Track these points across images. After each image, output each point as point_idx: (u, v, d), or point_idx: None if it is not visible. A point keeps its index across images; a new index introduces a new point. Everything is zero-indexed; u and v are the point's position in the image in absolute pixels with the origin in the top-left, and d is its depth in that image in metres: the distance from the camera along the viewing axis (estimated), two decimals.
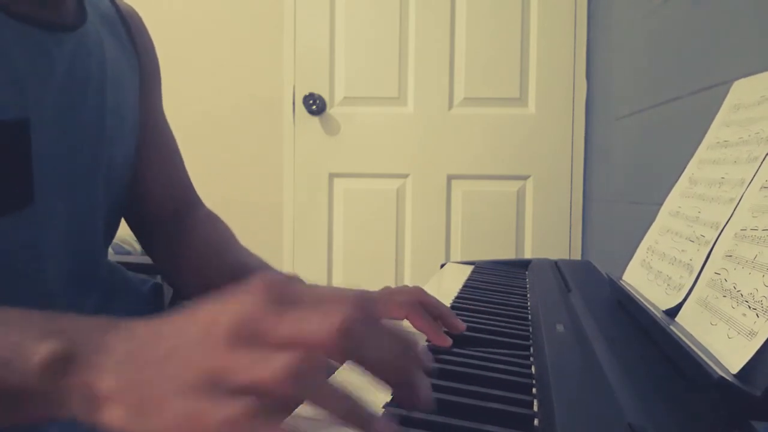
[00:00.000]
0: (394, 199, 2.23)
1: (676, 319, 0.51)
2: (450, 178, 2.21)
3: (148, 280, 0.85)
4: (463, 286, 0.84)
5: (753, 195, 0.49)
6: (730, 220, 0.51)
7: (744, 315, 0.41)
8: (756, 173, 0.50)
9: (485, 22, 2.16)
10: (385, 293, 0.62)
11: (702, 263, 0.52)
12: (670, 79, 1.32)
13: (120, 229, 0.82)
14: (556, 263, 0.97)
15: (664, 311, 0.54)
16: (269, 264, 0.74)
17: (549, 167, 2.17)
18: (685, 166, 0.67)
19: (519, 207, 2.19)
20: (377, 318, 0.32)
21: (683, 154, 0.70)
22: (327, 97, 2.22)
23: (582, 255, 2.14)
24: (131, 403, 0.30)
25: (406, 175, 2.23)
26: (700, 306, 0.48)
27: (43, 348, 0.33)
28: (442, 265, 1.07)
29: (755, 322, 0.39)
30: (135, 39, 0.77)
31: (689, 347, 0.43)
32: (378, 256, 2.22)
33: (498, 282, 0.88)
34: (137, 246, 2.02)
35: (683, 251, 0.57)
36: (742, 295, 0.43)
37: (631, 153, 1.62)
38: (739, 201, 0.50)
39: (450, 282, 0.87)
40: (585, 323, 0.59)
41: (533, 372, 0.50)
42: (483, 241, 2.20)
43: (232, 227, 0.85)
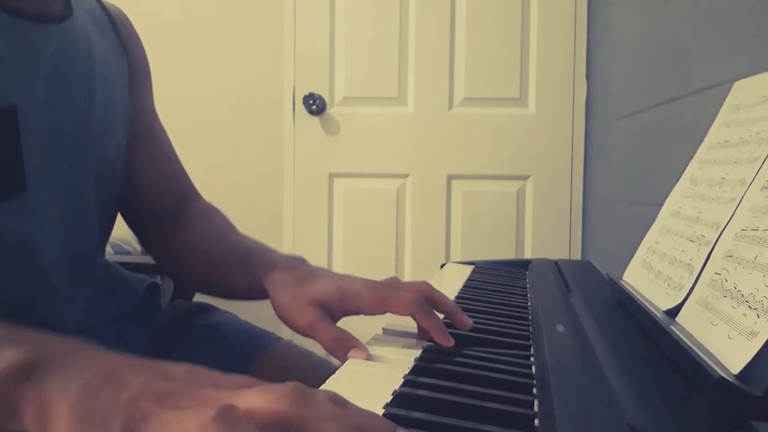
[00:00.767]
0: (394, 199, 2.23)
1: (676, 319, 0.51)
2: (450, 178, 2.21)
3: (145, 279, 0.85)
4: (464, 286, 0.83)
5: (754, 195, 0.49)
6: (730, 220, 0.51)
7: (744, 315, 0.41)
8: (757, 173, 0.50)
9: (485, 22, 2.16)
10: (392, 286, 0.61)
11: (702, 263, 0.51)
12: (670, 79, 1.32)
13: (120, 230, 0.82)
14: (556, 263, 0.97)
15: (664, 311, 0.54)
16: (271, 247, 0.73)
17: (549, 167, 2.17)
18: (685, 166, 0.67)
19: (519, 207, 2.19)
20: (343, 401, 0.34)
21: (683, 154, 0.70)
22: (327, 97, 2.22)
23: (582, 255, 2.14)
24: (74, 423, 0.32)
25: (406, 175, 2.23)
26: (700, 306, 0.48)
27: (9, 354, 0.35)
28: (442, 265, 1.07)
29: (756, 322, 0.39)
30: (122, 36, 0.78)
31: (689, 347, 0.43)
32: (378, 256, 2.22)
33: (498, 282, 0.88)
34: (137, 246, 2.02)
35: (684, 251, 0.57)
36: (742, 296, 0.43)
37: (631, 153, 1.62)
38: (740, 201, 0.50)
39: (450, 282, 0.87)
40: (585, 323, 0.59)
41: (533, 372, 0.50)
42: (483, 241, 2.20)
43: None
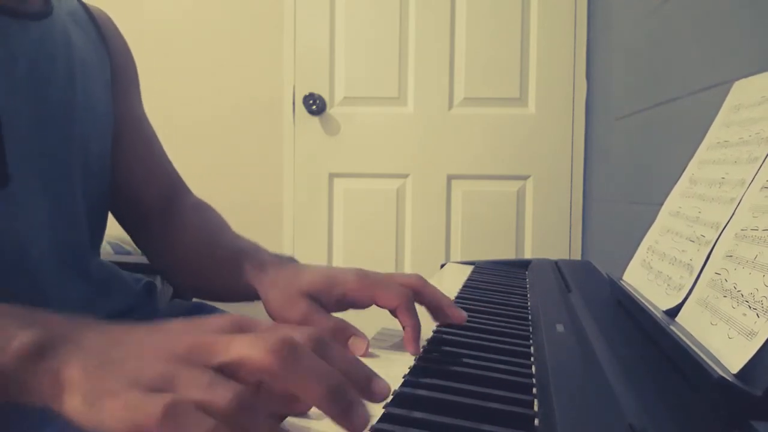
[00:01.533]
0: (394, 199, 2.23)
1: (676, 319, 0.51)
2: (450, 178, 2.21)
3: (141, 278, 0.84)
4: (463, 286, 0.84)
5: (753, 195, 0.49)
6: (730, 220, 0.51)
7: (744, 315, 0.41)
8: (756, 173, 0.50)
9: (485, 22, 2.16)
10: (384, 277, 0.61)
11: (702, 263, 0.52)
12: (670, 79, 1.32)
13: (120, 229, 0.82)
14: (556, 263, 0.97)
15: (664, 311, 0.54)
16: (263, 247, 0.72)
17: (549, 167, 2.17)
18: (685, 166, 0.67)
19: (519, 207, 2.19)
20: (325, 348, 0.35)
21: (683, 154, 0.70)
22: (327, 97, 2.22)
23: (582, 255, 2.14)
24: (87, 392, 0.33)
25: (406, 175, 2.23)
26: (700, 306, 0.48)
27: (22, 335, 0.37)
28: (442, 265, 1.07)
29: (755, 322, 0.39)
30: (104, 36, 0.77)
31: (689, 347, 0.43)
32: (378, 256, 2.22)
33: (498, 282, 0.88)
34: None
35: (683, 251, 0.57)
36: (742, 295, 0.43)
37: (631, 153, 1.62)
38: (740, 201, 0.50)
39: (450, 282, 0.87)
40: (585, 323, 0.59)
41: (533, 372, 0.50)
42: (483, 241, 2.20)
43: (232, 227, 0.84)
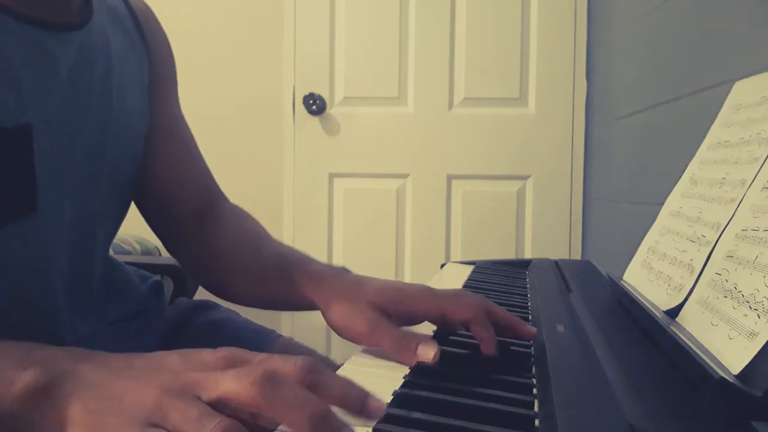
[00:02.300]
0: (394, 199, 2.23)
1: (676, 320, 0.51)
2: (450, 178, 2.21)
3: (149, 276, 0.84)
4: (464, 286, 0.83)
5: (754, 195, 0.49)
6: (731, 220, 0.50)
7: (745, 315, 0.41)
8: (757, 174, 0.50)
9: (485, 22, 2.16)
10: (454, 293, 0.60)
11: (703, 263, 0.51)
12: (670, 79, 1.32)
13: (120, 229, 0.82)
14: (556, 263, 0.97)
15: (664, 311, 0.54)
16: (311, 256, 0.70)
17: (549, 167, 2.17)
18: (686, 166, 0.67)
19: (519, 207, 2.19)
20: (315, 375, 0.37)
21: (683, 154, 0.70)
22: (327, 97, 2.22)
23: (582, 255, 2.14)
24: (90, 430, 0.36)
25: (406, 175, 2.23)
26: (700, 306, 0.48)
27: (24, 376, 0.39)
28: (442, 265, 1.07)
29: (756, 322, 0.39)
30: (145, 34, 0.75)
31: (690, 348, 0.43)
32: (378, 256, 2.22)
33: (498, 282, 0.88)
34: (137, 246, 2.02)
35: (684, 251, 0.57)
36: (743, 296, 0.43)
37: (631, 153, 1.62)
38: (740, 201, 0.50)
39: (450, 282, 0.87)
40: (585, 323, 0.59)
41: (533, 372, 0.50)
42: (483, 241, 2.20)
43: None
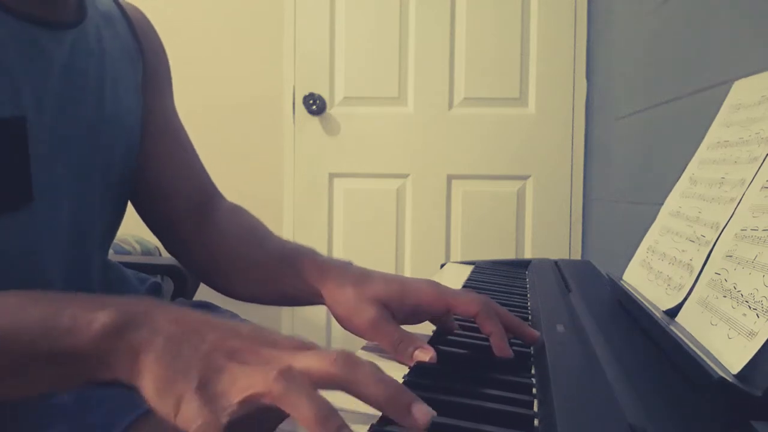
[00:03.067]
0: (394, 199, 2.23)
1: (676, 319, 0.51)
2: (450, 178, 2.21)
3: (147, 278, 0.84)
4: (463, 286, 0.83)
5: (753, 195, 0.49)
6: (730, 220, 0.50)
7: (744, 315, 0.41)
8: (756, 173, 0.50)
9: (485, 22, 2.16)
10: (459, 290, 0.61)
11: (702, 263, 0.51)
12: (670, 79, 1.32)
13: (120, 229, 0.82)
14: (556, 263, 0.97)
15: (664, 311, 0.54)
16: (317, 250, 0.70)
17: (549, 167, 2.17)
18: (685, 166, 0.67)
19: (519, 207, 2.19)
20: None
21: (683, 154, 0.70)
22: (327, 97, 2.22)
23: (582, 255, 2.14)
24: (159, 385, 0.37)
25: (406, 175, 2.23)
26: (700, 306, 0.48)
27: (101, 316, 0.40)
28: (442, 265, 1.07)
29: (755, 322, 0.39)
30: (139, 37, 0.76)
31: (689, 347, 0.43)
32: (378, 256, 2.22)
33: (498, 282, 0.88)
34: (137, 246, 2.02)
35: (683, 251, 0.57)
36: (742, 295, 0.43)
37: (631, 153, 1.62)
38: (740, 201, 0.50)
39: (450, 282, 0.87)
40: (585, 323, 0.59)
41: (533, 372, 0.50)
42: (483, 241, 2.20)
43: None
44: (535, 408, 0.42)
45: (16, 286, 0.59)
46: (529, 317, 0.67)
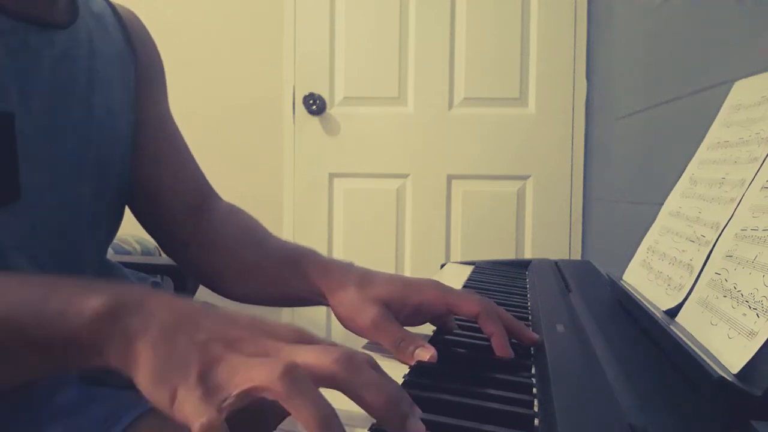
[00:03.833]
0: (394, 199, 2.23)
1: (676, 319, 0.51)
2: (450, 178, 2.21)
3: (147, 278, 0.84)
4: (463, 286, 0.84)
5: (753, 195, 0.49)
6: (730, 220, 0.51)
7: (744, 315, 0.41)
8: (756, 173, 0.50)
9: (485, 22, 2.16)
10: (461, 290, 0.61)
11: (702, 263, 0.52)
12: (670, 79, 1.32)
13: (121, 230, 0.82)
14: (556, 263, 0.97)
15: (664, 311, 0.54)
16: (317, 251, 0.71)
17: (549, 167, 2.17)
18: (685, 166, 0.67)
19: (519, 207, 2.19)
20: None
21: (683, 154, 0.70)
22: (327, 97, 2.22)
23: (582, 255, 2.14)
24: (154, 374, 0.35)
25: (406, 175, 2.23)
26: (700, 306, 0.48)
27: (94, 300, 0.39)
28: (442, 266, 1.07)
29: (755, 322, 0.39)
30: (132, 39, 0.76)
31: (689, 347, 0.43)
32: (378, 256, 2.22)
33: (498, 282, 0.88)
34: (137, 246, 2.02)
35: (684, 251, 0.57)
36: (742, 295, 0.43)
37: (631, 153, 1.62)
38: (740, 201, 0.50)
39: (450, 282, 0.87)
40: (585, 323, 0.59)
41: (533, 372, 0.50)
42: (483, 241, 2.20)
43: None
44: (536, 408, 0.42)
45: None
46: (529, 317, 0.67)
